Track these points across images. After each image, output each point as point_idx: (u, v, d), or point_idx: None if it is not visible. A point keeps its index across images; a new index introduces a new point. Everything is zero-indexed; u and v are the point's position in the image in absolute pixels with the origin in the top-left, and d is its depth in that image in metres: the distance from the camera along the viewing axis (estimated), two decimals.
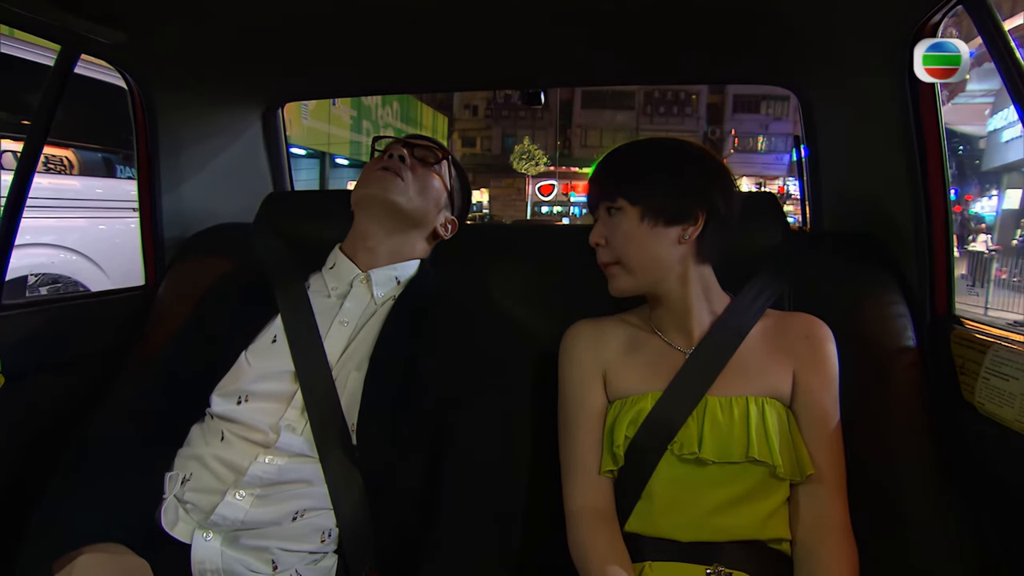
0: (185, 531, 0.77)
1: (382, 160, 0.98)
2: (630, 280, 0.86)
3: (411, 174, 0.97)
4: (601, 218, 0.88)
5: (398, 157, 0.97)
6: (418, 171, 0.98)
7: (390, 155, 0.97)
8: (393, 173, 0.95)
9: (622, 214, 0.85)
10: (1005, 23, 0.78)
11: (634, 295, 0.89)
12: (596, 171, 0.91)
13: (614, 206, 0.86)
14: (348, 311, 0.90)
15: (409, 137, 1.03)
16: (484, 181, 27.37)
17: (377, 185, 0.95)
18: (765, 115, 25.78)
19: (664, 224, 0.83)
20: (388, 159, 0.97)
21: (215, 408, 0.84)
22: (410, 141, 1.02)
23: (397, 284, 0.95)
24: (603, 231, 0.87)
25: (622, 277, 0.86)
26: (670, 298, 0.86)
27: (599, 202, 0.88)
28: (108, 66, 1.22)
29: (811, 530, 0.79)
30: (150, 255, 1.35)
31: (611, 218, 0.86)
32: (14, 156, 2.56)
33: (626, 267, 0.85)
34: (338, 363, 0.86)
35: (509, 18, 1.02)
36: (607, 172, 0.89)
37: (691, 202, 0.83)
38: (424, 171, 0.99)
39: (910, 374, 0.94)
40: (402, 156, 0.97)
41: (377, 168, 0.97)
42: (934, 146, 0.96)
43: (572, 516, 0.83)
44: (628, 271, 0.86)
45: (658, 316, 0.89)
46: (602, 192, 0.88)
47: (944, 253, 0.97)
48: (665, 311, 0.88)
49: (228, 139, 1.47)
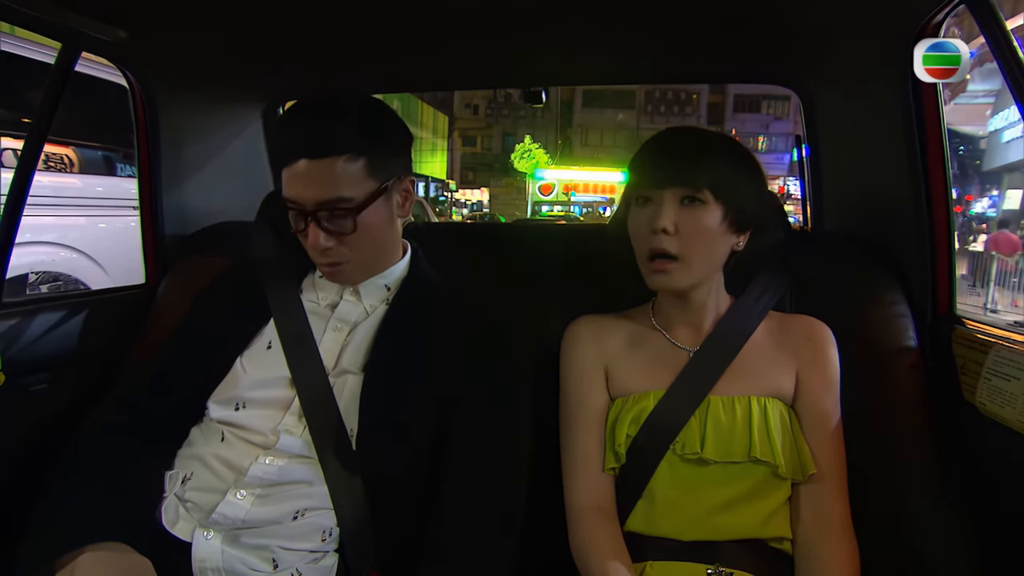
0: (186, 530, 0.77)
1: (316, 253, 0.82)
2: (686, 279, 0.80)
3: (347, 251, 0.82)
4: (670, 204, 0.78)
5: (324, 249, 0.81)
6: (353, 241, 0.82)
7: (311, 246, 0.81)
8: (336, 271, 0.84)
9: (703, 208, 0.78)
10: (1007, 23, 0.78)
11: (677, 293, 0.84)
12: (663, 151, 0.82)
13: (696, 196, 0.78)
14: (341, 317, 0.89)
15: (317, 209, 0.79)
16: (484, 180, 27.39)
17: (330, 278, 0.87)
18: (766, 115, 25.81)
19: (735, 230, 0.80)
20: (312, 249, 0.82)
21: (213, 415, 0.84)
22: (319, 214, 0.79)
23: (387, 290, 0.91)
24: (674, 219, 0.78)
25: (680, 274, 0.79)
26: (692, 298, 0.85)
27: (670, 185, 0.78)
28: (109, 64, 1.22)
29: (812, 529, 0.79)
30: (150, 253, 1.35)
31: (686, 208, 0.78)
32: (15, 154, 2.56)
33: (687, 264, 0.79)
34: (335, 368, 0.85)
35: (509, 17, 1.02)
36: (684, 158, 0.80)
37: (761, 213, 0.83)
38: (353, 237, 0.81)
39: (911, 374, 0.94)
40: (328, 247, 0.81)
41: (318, 261, 0.84)
42: (935, 146, 0.96)
43: (573, 514, 0.83)
44: (688, 269, 0.79)
45: (666, 314, 0.89)
46: (680, 176, 0.78)
47: (945, 253, 0.97)
48: (677, 309, 0.87)
49: (229, 137, 1.47)
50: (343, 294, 0.90)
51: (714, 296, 0.86)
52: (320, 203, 0.79)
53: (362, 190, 0.80)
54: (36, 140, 1.10)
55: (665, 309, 0.89)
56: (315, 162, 0.78)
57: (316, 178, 0.79)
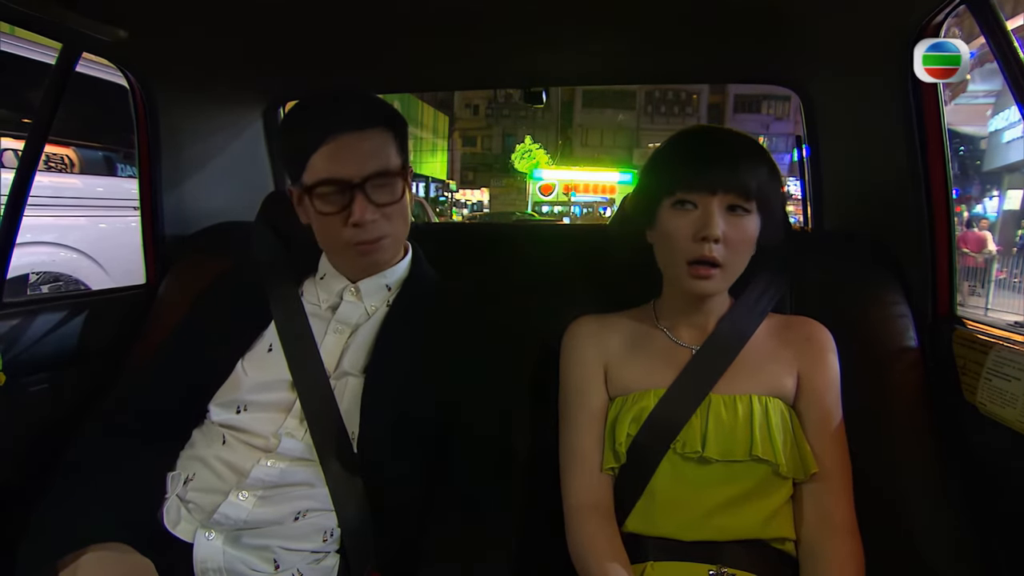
0: (187, 530, 0.77)
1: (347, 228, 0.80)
2: (724, 285, 0.80)
3: (388, 224, 0.82)
4: (719, 212, 0.76)
5: (370, 222, 0.80)
6: (393, 212, 0.82)
7: (355, 224, 0.79)
8: (376, 247, 0.83)
9: (748, 217, 0.78)
10: (1007, 23, 0.78)
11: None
12: (721, 149, 0.79)
13: (745, 207, 0.77)
14: (342, 319, 0.88)
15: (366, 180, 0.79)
16: (484, 180, 27.39)
17: (363, 262, 0.85)
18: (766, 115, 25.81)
19: (761, 241, 0.81)
20: (354, 228, 0.80)
21: (214, 417, 0.84)
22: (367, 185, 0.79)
23: (388, 290, 0.91)
24: (723, 227, 0.76)
25: (719, 281, 0.79)
26: (703, 302, 0.85)
27: (721, 191, 0.76)
28: (110, 64, 1.22)
29: (816, 529, 0.79)
30: (151, 254, 1.35)
31: (735, 217, 0.77)
32: (15, 155, 2.56)
33: (728, 272, 0.78)
34: (336, 371, 0.85)
35: (510, 18, 1.02)
36: (739, 163, 0.77)
37: (783, 224, 0.84)
38: (396, 208, 0.83)
39: (911, 374, 0.94)
40: (374, 219, 0.80)
41: (354, 243, 0.81)
42: (936, 146, 0.96)
43: (571, 512, 0.83)
44: (727, 276, 0.79)
45: (671, 312, 0.89)
46: (731, 183, 0.76)
47: (946, 253, 0.97)
48: (684, 310, 0.87)
49: (229, 137, 1.47)
50: (344, 295, 0.89)
51: (721, 296, 0.86)
52: (368, 175, 0.78)
53: (397, 162, 0.82)
54: (37, 140, 1.10)
55: (671, 308, 0.89)
56: (357, 134, 0.79)
57: (361, 151, 0.79)
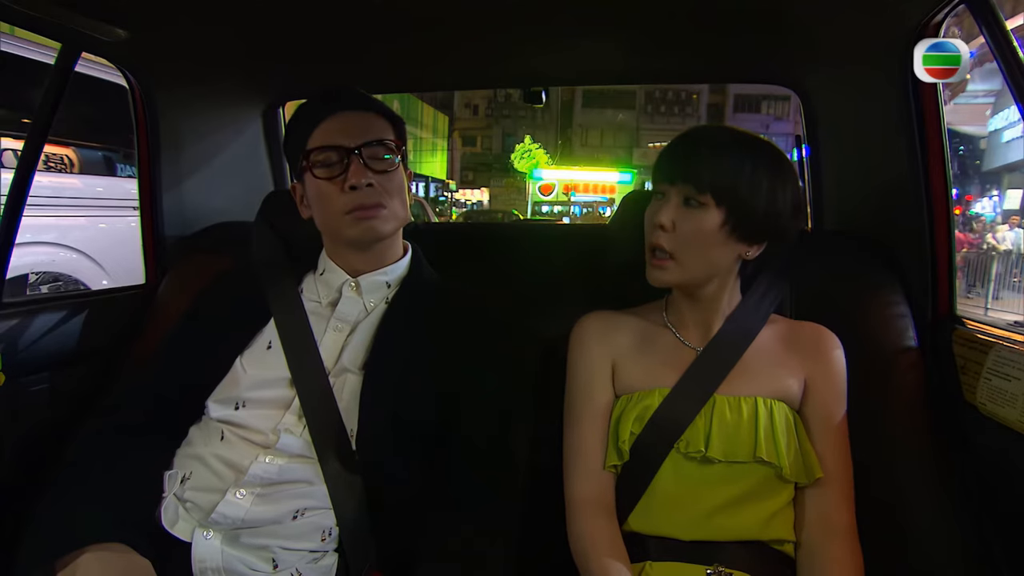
0: (185, 529, 0.77)
1: (344, 193, 0.82)
2: (677, 276, 0.80)
3: (387, 195, 0.84)
4: (673, 202, 0.79)
5: (366, 185, 0.82)
6: (390, 184, 0.85)
7: (352, 186, 0.82)
8: (373, 213, 0.83)
9: (703, 211, 0.77)
10: (1007, 23, 0.78)
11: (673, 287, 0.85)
12: (682, 146, 0.82)
13: (697, 199, 0.78)
14: (341, 316, 0.88)
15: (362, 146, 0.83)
16: (484, 180, 27.39)
17: (360, 229, 0.84)
18: (766, 115, 25.79)
19: (737, 239, 0.79)
20: (352, 191, 0.82)
21: (212, 414, 0.84)
22: (363, 151, 0.83)
23: (388, 287, 0.91)
24: (673, 217, 0.78)
25: (671, 271, 0.80)
26: (702, 297, 0.85)
27: (675, 182, 0.79)
28: (110, 64, 1.22)
29: (816, 532, 0.79)
30: (151, 254, 1.35)
31: (687, 209, 0.78)
32: (15, 155, 2.56)
33: (681, 263, 0.79)
34: (335, 368, 0.85)
35: (510, 17, 1.02)
36: (697, 157, 0.79)
37: (775, 224, 0.80)
38: (393, 176, 0.85)
39: (911, 374, 0.94)
40: (370, 183, 0.82)
41: (350, 208, 0.83)
42: (936, 146, 0.96)
43: (573, 508, 0.83)
44: (681, 268, 0.80)
45: (678, 311, 0.89)
46: (685, 175, 0.78)
47: (946, 253, 0.97)
48: (689, 308, 0.87)
49: (229, 137, 1.47)
50: (343, 290, 0.89)
51: (727, 297, 0.86)
52: (364, 142, 0.84)
53: (394, 141, 0.88)
54: (36, 140, 1.10)
55: (677, 307, 0.89)
56: (355, 112, 0.86)
57: (358, 125, 0.85)
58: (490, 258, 1.16)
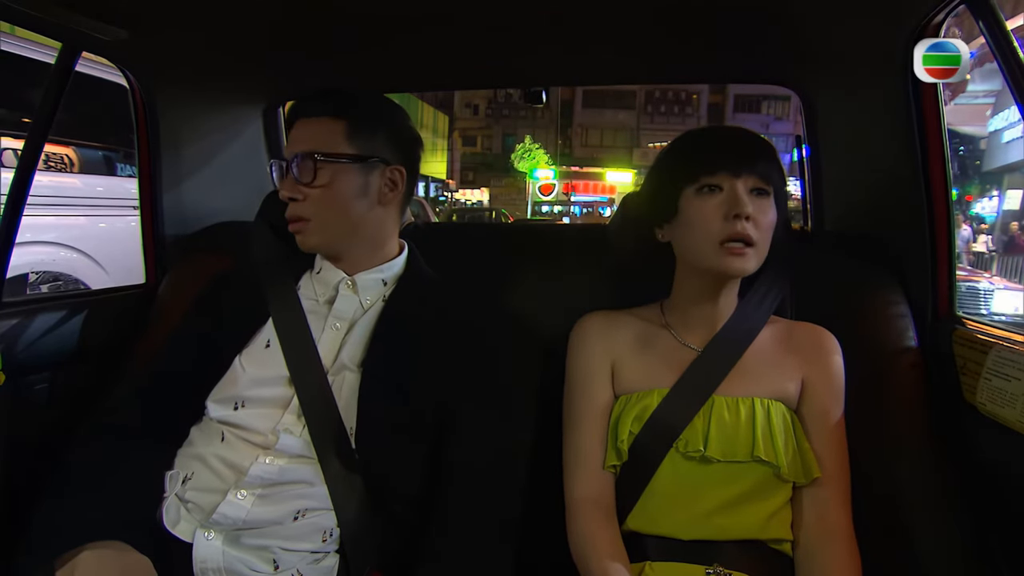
0: (187, 530, 0.77)
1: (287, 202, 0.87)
2: (755, 265, 0.81)
3: (308, 206, 0.86)
4: (743, 193, 0.79)
5: (289, 200, 0.86)
6: (321, 196, 0.86)
7: (287, 200, 0.87)
8: (298, 227, 0.87)
9: (768, 200, 0.81)
10: (1008, 23, 0.78)
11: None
12: (742, 138, 0.84)
13: (765, 188, 0.80)
14: (338, 314, 0.89)
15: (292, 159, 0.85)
16: (485, 180, 27.39)
17: (298, 239, 0.89)
18: (766, 115, 25.80)
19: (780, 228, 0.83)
20: (288, 208, 0.87)
21: (212, 414, 0.84)
22: (292, 164, 0.85)
23: (384, 285, 0.92)
24: (750, 207, 0.79)
25: (752, 259, 0.80)
26: (720, 296, 0.85)
27: (745, 173, 0.80)
28: (110, 64, 1.22)
29: (813, 533, 0.79)
30: (151, 253, 1.35)
31: (759, 199, 0.80)
32: (15, 154, 2.56)
33: (759, 253, 0.80)
34: (333, 366, 0.85)
35: (510, 17, 1.02)
36: (758, 150, 0.82)
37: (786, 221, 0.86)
38: (324, 189, 0.85)
39: (911, 374, 0.94)
40: (293, 198, 0.86)
41: (287, 219, 0.88)
42: (936, 145, 0.96)
43: (573, 507, 0.83)
44: (759, 255, 0.80)
45: (677, 312, 0.89)
46: (756, 165, 0.80)
47: (946, 253, 0.97)
48: (692, 307, 0.87)
49: (229, 137, 1.47)
50: (339, 287, 0.90)
51: (729, 296, 0.87)
52: (295, 154, 0.85)
53: (336, 149, 0.86)
54: (36, 140, 1.10)
55: (682, 307, 0.88)
56: (306, 121, 0.88)
57: (302, 135, 0.88)
58: (490, 258, 1.16)
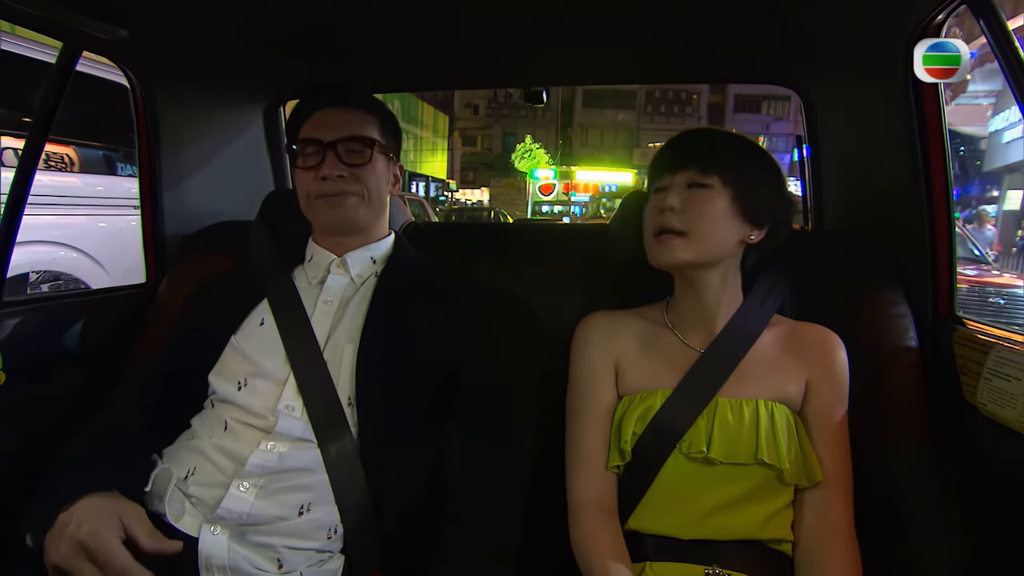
0: (192, 525, 0.77)
1: (316, 181, 0.90)
2: (689, 253, 0.82)
3: (355, 183, 0.91)
4: (678, 188, 0.83)
5: (336, 176, 0.90)
6: (364, 175, 0.92)
7: (323, 176, 0.89)
8: (339, 200, 0.91)
9: (710, 192, 0.82)
10: (1008, 23, 0.78)
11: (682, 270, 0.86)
12: (678, 142, 0.89)
13: (703, 182, 0.82)
14: (329, 291, 0.92)
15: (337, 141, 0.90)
16: (485, 180, 27.39)
17: (330, 214, 0.92)
18: (766, 115, 25.80)
19: (743, 219, 0.83)
20: (322, 182, 0.90)
21: (216, 391, 0.85)
22: (338, 146, 0.90)
23: (373, 263, 0.96)
24: (681, 198, 0.82)
25: (683, 249, 0.82)
26: (705, 292, 0.86)
27: (681, 170, 0.84)
28: (110, 63, 1.22)
29: (815, 535, 0.79)
30: (151, 253, 1.35)
31: (693, 191, 0.83)
32: (15, 154, 2.56)
33: (691, 240, 0.82)
34: (328, 342, 0.87)
35: (510, 18, 1.02)
36: (697, 146, 0.86)
37: (774, 210, 0.85)
38: (367, 168, 0.92)
39: (911, 374, 0.94)
40: (341, 175, 0.90)
41: (320, 195, 0.91)
42: (936, 146, 0.96)
43: (575, 508, 0.83)
44: (692, 244, 0.82)
45: (679, 312, 0.89)
46: (692, 161, 0.84)
47: (946, 253, 0.97)
48: (691, 307, 0.87)
49: (229, 136, 1.47)
50: (331, 268, 0.94)
51: (728, 294, 0.87)
52: (340, 138, 0.90)
53: (374, 136, 0.94)
54: (37, 139, 1.10)
55: (680, 307, 0.89)
56: (339, 109, 0.93)
57: (340, 120, 0.92)
58: (490, 258, 1.16)
